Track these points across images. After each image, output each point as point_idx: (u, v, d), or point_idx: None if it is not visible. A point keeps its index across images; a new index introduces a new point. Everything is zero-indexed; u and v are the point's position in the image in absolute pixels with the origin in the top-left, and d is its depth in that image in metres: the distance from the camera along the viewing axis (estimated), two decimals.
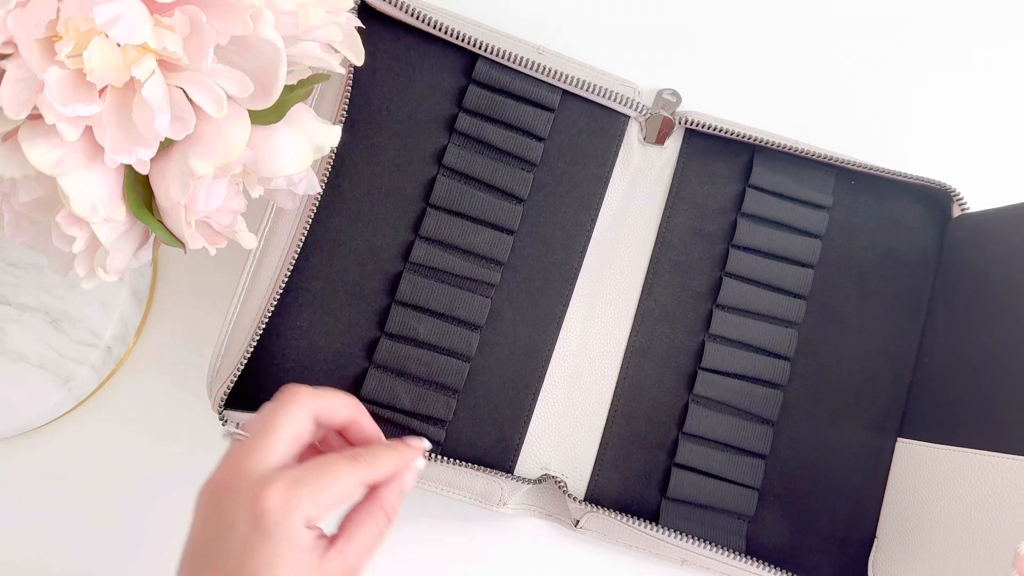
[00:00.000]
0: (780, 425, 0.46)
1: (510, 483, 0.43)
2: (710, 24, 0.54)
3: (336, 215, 0.44)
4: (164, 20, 0.29)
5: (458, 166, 0.45)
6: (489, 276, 0.45)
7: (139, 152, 0.30)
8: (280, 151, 0.34)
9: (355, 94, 0.44)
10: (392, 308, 0.43)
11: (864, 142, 0.53)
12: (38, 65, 0.28)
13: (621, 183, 0.48)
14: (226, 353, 0.41)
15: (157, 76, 0.29)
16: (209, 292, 0.47)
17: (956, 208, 0.48)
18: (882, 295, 0.48)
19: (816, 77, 0.54)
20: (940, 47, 0.56)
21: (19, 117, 0.28)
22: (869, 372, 0.47)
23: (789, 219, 0.48)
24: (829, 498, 0.45)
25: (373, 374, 0.43)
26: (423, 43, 0.46)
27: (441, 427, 0.43)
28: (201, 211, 0.32)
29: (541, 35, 0.49)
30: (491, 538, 0.47)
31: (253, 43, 0.30)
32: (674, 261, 0.47)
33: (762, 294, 0.47)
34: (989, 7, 0.56)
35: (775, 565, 0.44)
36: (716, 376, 0.46)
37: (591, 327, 0.46)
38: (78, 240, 0.32)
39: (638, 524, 0.43)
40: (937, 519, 0.42)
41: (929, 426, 0.44)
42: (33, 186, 0.32)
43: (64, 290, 0.43)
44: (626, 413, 0.45)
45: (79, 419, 0.45)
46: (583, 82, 0.46)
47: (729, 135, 0.47)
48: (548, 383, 0.45)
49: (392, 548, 0.46)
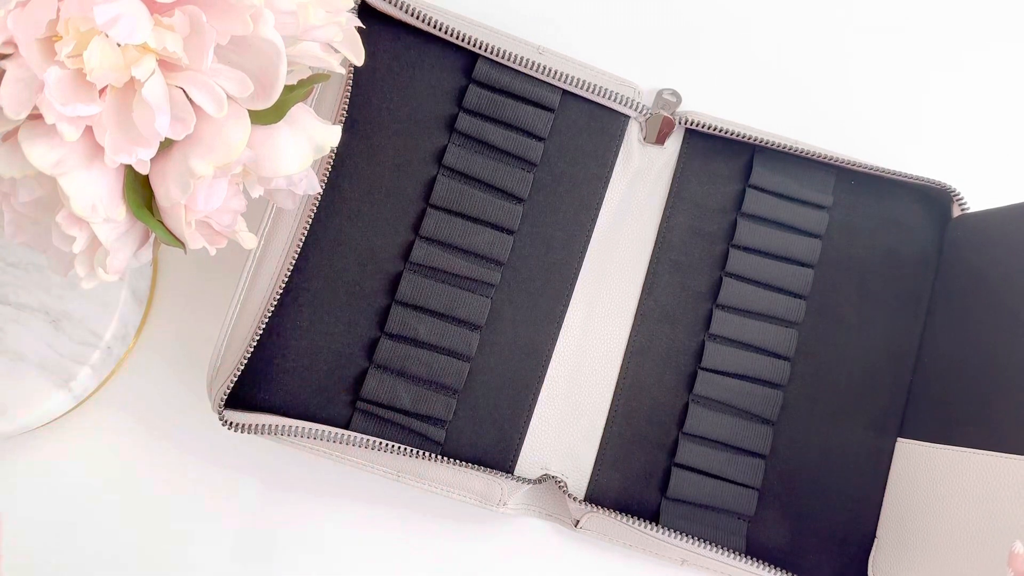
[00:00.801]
0: (780, 425, 0.46)
1: (510, 483, 0.43)
2: (710, 24, 0.54)
3: (336, 215, 0.44)
4: (164, 20, 0.29)
5: (458, 166, 0.45)
6: (489, 276, 0.45)
7: (139, 152, 0.30)
8: (280, 151, 0.34)
9: (355, 94, 0.44)
10: (392, 308, 0.43)
11: (864, 142, 0.53)
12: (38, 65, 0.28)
13: (621, 183, 0.48)
14: (226, 353, 0.41)
15: (157, 76, 0.29)
16: (209, 292, 0.47)
17: (956, 208, 0.48)
18: (882, 295, 0.48)
19: (816, 77, 0.54)
20: (940, 47, 0.56)
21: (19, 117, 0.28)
22: (869, 372, 0.47)
23: (789, 219, 0.48)
24: (829, 498, 0.45)
25: (373, 374, 0.43)
26: (423, 43, 0.46)
27: (441, 427, 0.43)
28: (201, 211, 0.32)
29: (541, 35, 0.49)
30: (491, 538, 0.47)
31: (253, 43, 0.30)
32: (674, 261, 0.47)
33: (762, 294, 0.47)
34: (989, 7, 0.56)
35: (775, 565, 0.44)
36: (716, 376, 0.46)
37: (591, 327, 0.46)
38: (78, 240, 0.32)
39: (638, 524, 0.43)
40: (937, 519, 0.42)
41: (929, 426, 0.44)
42: (33, 186, 0.32)
43: (64, 290, 0.43)
44: (626, 413, 0.45)
45: (79, 419, 0.45)
46: (583, 82, 0.46)
47: (729, 135, 0.47)
48: (548, 383, 0.45)
49: (392, 548, 0.46)
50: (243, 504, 0.46)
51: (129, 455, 0.45)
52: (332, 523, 0.46)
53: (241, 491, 0.46)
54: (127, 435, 0.46)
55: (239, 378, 0.41)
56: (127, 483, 0.45)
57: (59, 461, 0.45)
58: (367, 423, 0.43)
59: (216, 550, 0.45)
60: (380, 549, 0.46)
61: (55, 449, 0.45)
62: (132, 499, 0.45)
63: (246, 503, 0.46)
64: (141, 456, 0.46)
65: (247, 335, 0.41)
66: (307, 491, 0.46)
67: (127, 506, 0.45)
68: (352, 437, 0.41)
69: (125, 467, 0.45)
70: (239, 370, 0.40)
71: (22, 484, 0.45)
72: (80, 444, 0.45)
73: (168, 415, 0.46)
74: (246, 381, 0.42)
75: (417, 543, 0.46)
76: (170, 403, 0.46)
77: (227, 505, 0.46)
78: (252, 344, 0.40)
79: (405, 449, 0.41)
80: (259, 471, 0.46)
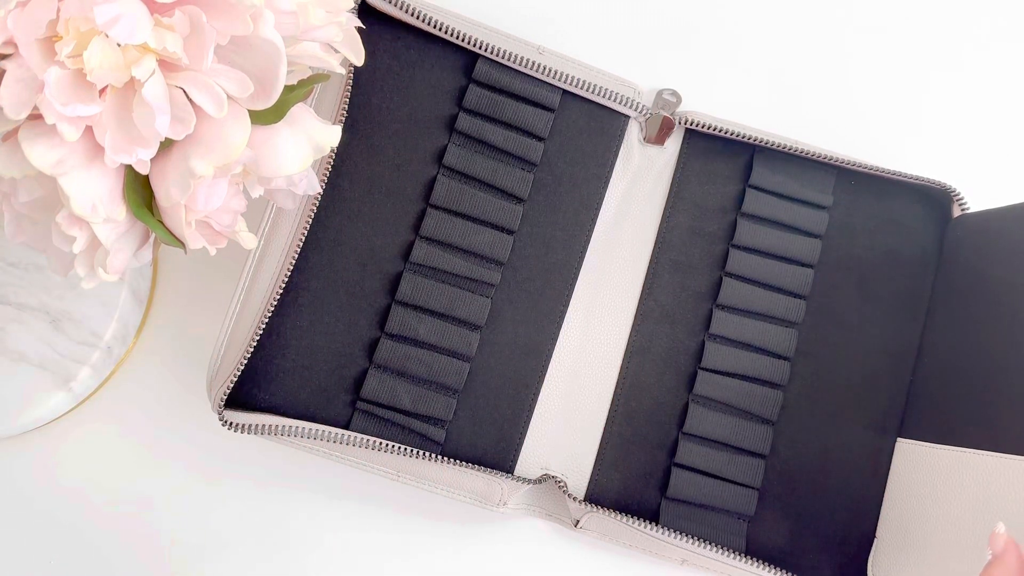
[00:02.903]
0: (780, 425, 0.46)
1: (510, 483, 0.43)
2: (710, 24, 0.54)
3: (336, 215, 0.44)
4: (164, 20, 0.29)
5: (458, 166, 0.45)
6: (489, 276, 0.45)
7: (139, 152, 0.30)
8: (280, 151, 0.34)
9: (355, 94, 0.44)
10: (392, 308, 0.43)
11: (864, 142, 0.53)
12: (38, 65, 0.28)
13: (621, 183, 0.48)
14: (226, 353, 0.41)
15: (157, 76, 0.29)
16: (209, 292, 0.47)
17: (956, 208, 0.48)
18: (882, 295, 0.48)
19: (816, 77, 0.54)
20: (940, 47, 0.55)
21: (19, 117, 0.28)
22: (869, 372, 0.47)
23: (789, 219, 0.48)
24: (829, 498, 0.45)
25: (373, 374, 0.43)
26: (423, 43, 0.46)
27: (441, 427, 0.43)
28: (201, 211, 0.32)
29: (541, 35, 0.49)
30: (491, 538, 0.47)
31: (253, 43, 0.30)
32: (674, 261, 0.47)
33: (762, 294, 0.47)
34: (989, 7, 0.56)
35: (775, 565, 0.44)
36: (716, 376, 0.46)
37: (591, 327, 0.46)
38: (78, 240, 0.32)
39: (638, 524, 0.43)
40: (937, 519, 0.42)
41: (929, 426, 0.44)
42: (33, 186, 0.32)
43: (64, 290, 0.43)
44: (626, 413, 0.45)
45: (79, 419, 0.45)
46: (583, 82, 0.46)
47: (729, 135, 0.47)
48: (548, 383, 0.45)
49: (392, 548, 0.46)
50: (243, 504, 0.46)
51: (129, 455, 0.45)
52: (332, 523, 0.46)
53: (241, 491, 0.46)
54: (127, 435, 0.46)
55: (239, 378, 0.41)
56: (127, 483, 0.45)
57: (59, 461, 0.45)
58: (367, 423, 0.43)
59: (216, 550, 0.45)
60: (380, 549, 0.46)
61: (55, 449, 0.45)
62: (132, 499, 0.45)
63: (246, 503, 0.46)
64: (141, 456, 0.46)
65: (247, 335, 0.41)
66: (307, 491, 0.46)
67: (127, 506, 0.45)
68: (352, 437, 0.41)
69: (125, 467, 0.45)
70: (239, 370, 0.40)
71: (22, 484, 0.45)
72: (80, 444, 0.45)
73: (168, 415, 0.46)
74: (246, 381, 0.42)
75: (417, 543, 0.46)
76: (170, 403, 0.46)
77: (227, 505, 0.46)
78: (252, 344, 0.40)
79: (405, 449, 0.41)
80: (259, 471, 0.46)
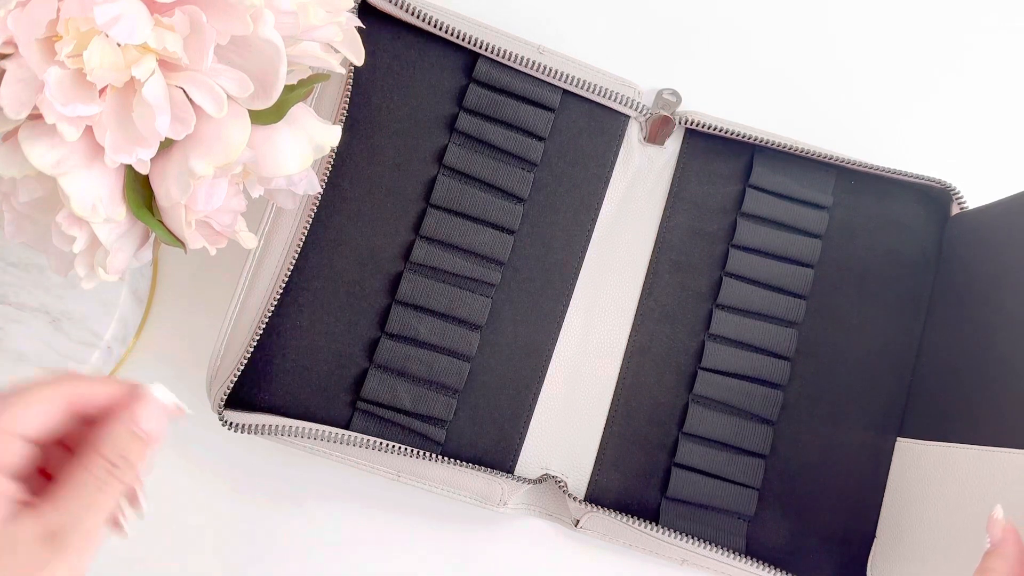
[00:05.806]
0: (780, 425, 0.46)
1: (510, 483, 0.43)
2: (710, 24, 0.54)
3: (336, 215, 0.44)
4: (164, 20, 0.29)
5: (458, 166, 0.45)
6: (489, 276, 0.45)
7: (139, 152, 0.30)
8: (280, 151, 0.34)
9: (355, 94, 0.44)
10: (392, 308, 0.43)
11: (864, 142, 0.53)
12: (38, 65, 0.28)
13: (621, 183, 0.48)
14: (226, 353, 0.41)
15: (157, 76, 0.29)
16: (209, 292, 0.47)
17: (955, 207, 0.48)
18: (882, 295, 0.48)
19: (816, 77, 0.54)
20: (940, 47, 0.55)
21: (19, 117, 0.28)
22: (869, 372, 0.47)
23: (789, 219, 0.48)
24: (829, 498, 0.45)
25: (373, 374, 0.43)
26: (423, 42, 0.46)
27: (441, 427, 0.43)
28: (201, 211, 0.32)
29: (541, 35, 0.49)
30: (491, 538, 0.47)
31: (253, 43, 0.30)
32: (674, 261, 0.47)
33: (762, 294, 0.47)
34: (989, 7, 0.56)
35: (775, 565, 0.44)
36: (716, 376, 0.46)
37: (591, 327, 0.46)
38: (78, 240, 0.32)
39: (638, 524, 0.43)
40: (937, 518, 0.42)
41: (929, 425, 0.44)
42: (33, 186, 0.32)
43: (64, 290, 0.43)
44: (626, 413, 0.45)
45: None
46: (583, 82, 0.46)
47: (729, 135, 0.47)
48: (548, 383, 0.45)
49: (392, 548, 0.46)
50: (243, 504, 0.46)
51: None
52: (332, 523, 0.46)
53: (241, 491, 0.46)
54: None
55: (239, 378, 0.41)
56: None
57: None
58: (367, 423, 0.43)
59: (216, 550, 0.45)
60: (380, 549, 0.46)
61: None
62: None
63: (246, 503, 0.46)
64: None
65: (247, 335, 0.41)
66: (307, 491, 0.46)
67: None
68: (352, 437, 0.41)
69: None
70: (239, 370, 0.40)
71: None
72: None
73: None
74: (246, 381, 0.42)
75: (417, 543, 0.46)
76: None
77: (227, 505, 0.45)
78: (252, 344, 0.40)
79: (405, 449, 0.41)
80: (259, 471, 0.46)
